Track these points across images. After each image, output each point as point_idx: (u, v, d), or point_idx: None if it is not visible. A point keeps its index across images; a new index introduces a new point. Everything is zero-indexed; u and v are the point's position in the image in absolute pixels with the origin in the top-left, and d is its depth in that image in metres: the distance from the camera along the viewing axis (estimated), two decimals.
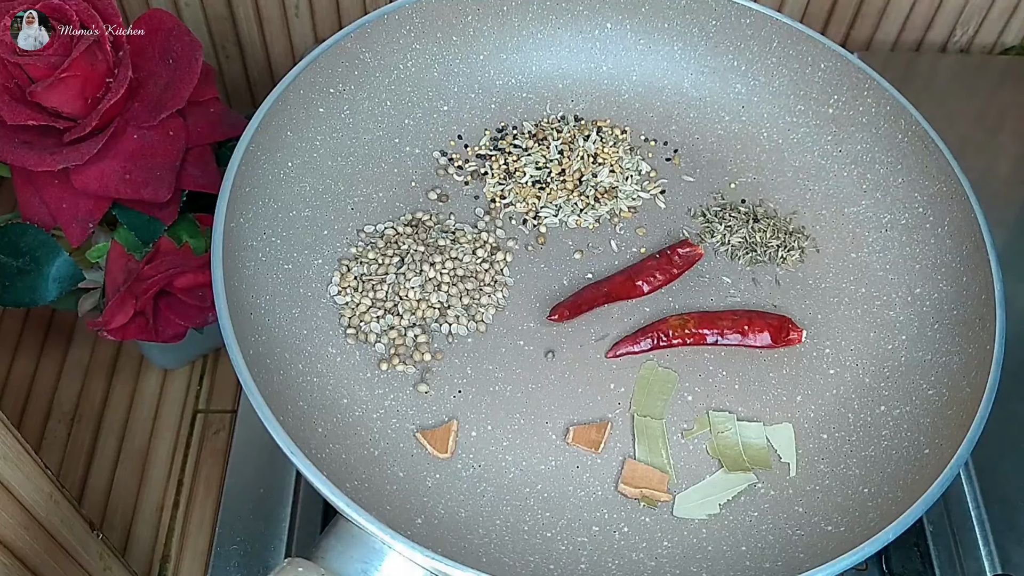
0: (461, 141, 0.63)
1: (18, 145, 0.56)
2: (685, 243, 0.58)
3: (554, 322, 0.55)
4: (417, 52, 0.62)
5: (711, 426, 0.52)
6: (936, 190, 0.57)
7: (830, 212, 0.61)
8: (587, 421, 0.52)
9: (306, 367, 0.51)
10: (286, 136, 0.56)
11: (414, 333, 0.54)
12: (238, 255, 0.51)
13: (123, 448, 0.81)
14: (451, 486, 0.49)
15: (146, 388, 0.84)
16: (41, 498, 0.55)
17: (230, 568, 0.54)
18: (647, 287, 0.56)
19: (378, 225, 0.58)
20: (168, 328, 0.64)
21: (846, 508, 0.48)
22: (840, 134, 0.62)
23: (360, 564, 0.43)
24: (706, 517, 0.49)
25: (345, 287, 0.55)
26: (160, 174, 0.58)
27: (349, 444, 0.49)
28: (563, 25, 0.64)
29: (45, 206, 0.59)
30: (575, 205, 0.60)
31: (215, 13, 0.77)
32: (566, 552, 0.47)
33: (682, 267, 0.57)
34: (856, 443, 0.52)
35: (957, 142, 0.58)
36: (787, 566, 0.46)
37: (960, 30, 0.85)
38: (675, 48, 0.65)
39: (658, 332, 0.54)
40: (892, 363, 0.54)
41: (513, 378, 0.53)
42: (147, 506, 0.78)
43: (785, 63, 0.63)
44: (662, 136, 0.64)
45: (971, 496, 0.56)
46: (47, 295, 0.60)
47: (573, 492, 0.50)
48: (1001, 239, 0.66)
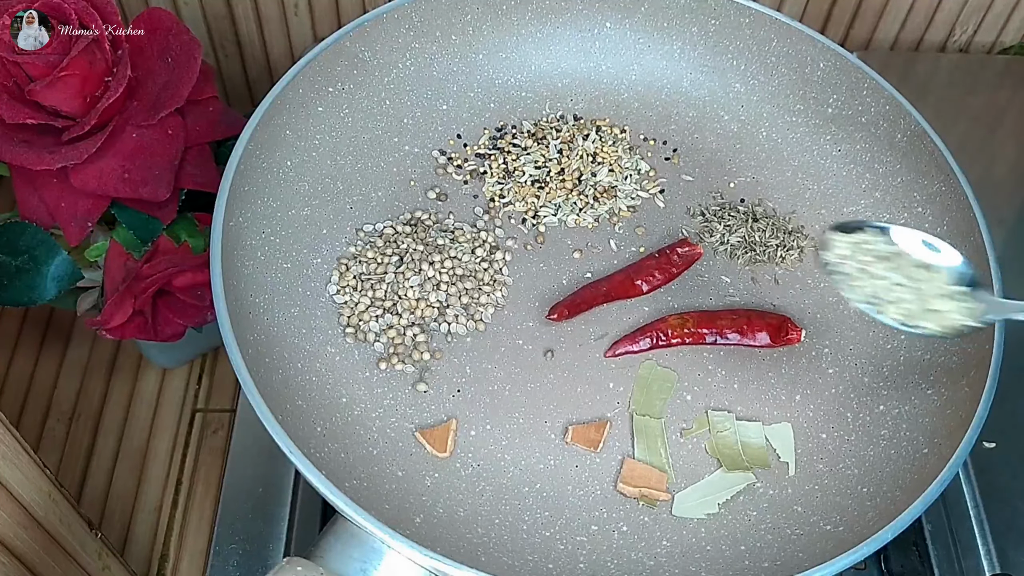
0: (460, 140, 0.63)
1: (17, 144, 0.56)
2: (684, 242, 0.58)
3: (553, 321, 0.55)
4: (416, 51, 0.62)
5: (710, 425, 0.52)
6: (935, 190, 0.57)
7: (829, 212, 0.61)
8: (586, 420, 0.52)
9: (305, 366, 0.51)
10: (285, 135, 0.56)
11: (413, 332, 0.54)
12: (237, 254, 0.51)
13: (122, 447, 0.81)
14: (450, 485, 0.49)
15: (145, 387, 0.84)
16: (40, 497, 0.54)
17: (229, 567, 0.54)
18: (646, 286, 0.56)
19: (377, 224, 0.58)
20: (167, 327, 0.64)
21: (845, 508, 0.48)
22: (839, 134, 0.62)
23: (359, 563, 0.43)
24: (705, 516, 0.49)
25: (344, 286, 0.55)
26: (159, 173, 0.58)
27: (348, 443, 0.49)
28: (562, 24, 0.64)
29: (44, 205, 0.59)
30: (574, 204, 0.60)
31: (214, 12, 0.77)
32: (565, 551, 0.47)
33: (681, 266, 0.57)
34: (855, 443, 0.52)
35: (956, 142, 0.58)
36: (786, 565, 0.46)
37: (959, 30, 0.85)
38: (674, 47, 0.65)
39: (657, 331, 0.54)
40: (891, 363, 0.54)
41: (512, 377, 0.53)
42: (146, 505, 0.78)
43: (784, 62, 0.63)
44: (661, 135, 0.64)
45: (970, 496, 0.56)
46: (46, 294, 0.60)
47: (572, 491, 0.50)
48: (1001, 239, 0.66)
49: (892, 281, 0.45)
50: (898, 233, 0.46)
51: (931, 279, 0.45)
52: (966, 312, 0.45)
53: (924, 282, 0.45)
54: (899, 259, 0.45)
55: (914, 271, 0.45)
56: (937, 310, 0.45)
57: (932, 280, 0.45)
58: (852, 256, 0.46)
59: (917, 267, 0.45)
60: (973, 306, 0.45)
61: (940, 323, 0.45)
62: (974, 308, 0.45)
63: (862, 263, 0.45)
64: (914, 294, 0.45)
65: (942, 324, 0.45)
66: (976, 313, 0.45)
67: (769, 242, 0.59)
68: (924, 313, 0.45)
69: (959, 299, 0.45)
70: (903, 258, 0.45)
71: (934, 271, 0.45)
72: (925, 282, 0.45)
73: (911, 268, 0.45)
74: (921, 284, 0.45)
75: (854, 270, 0.45)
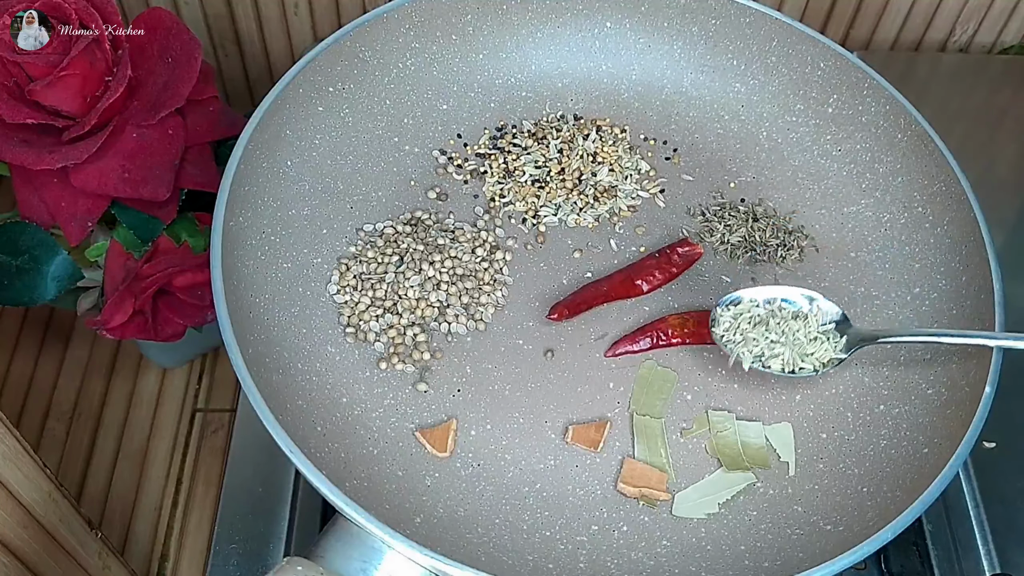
0: (460, 140, 0.63)
1: (17, 144, 0.56)
2: (684, 242, 0.58)
3: (554, 321, 0.55)
4: (416, 51, 0.62)
5: (710, 425, 0.52)
6: (936, 189, 0.57)
7: (829, 211, 0.61)
8: (586, 420, 0.52)
9: (305, 366, 0.51)
10: (285, 135, 0.56)
11: (413, 332, 0.54)
12: (237, 254, 0.51)
13: (122, 447, 0.81)
14: (450, 485, 0.49)
15: (145, 387, 0.84)
16: (40, 497, 0.55)
17: (229, 567, 0.54)
18: (646, 286, 0.56)
19: (377, 224, 0.58)
20: (167, 327, 0.64)
21: (845, 507, 0.48)
22: (839, 133, 0.62)
23: (359, 563, 0.43)
24: (705, 516, 0.49)
25: (344, 286, 0.55)
26: (159, 173, 0.58)
27: (348, 443, 0.49)
28: (562, 24, 0.64)
29: (44, 205, 0.59)
30: (574, 204, 0.60)
31: (214, 12, 0.77)
32: (565, 551, 0.47)
33: (681, 266, 0.57)
34: (855, 442, 0.52)
35: (957, 142, 0.58)
36: (786, 565, 0.46)
37: (959, 29, 0.85)
38: (675, 47, 0.65)
39: (657, 331, 0.54)
40: (891, 363, 0.54)
41: (512, 377, 0.53)
42: (146, 505, 0.78)
43: (785, 62, 0.63)
44: (661, 135, 0.64)
45: (970, 496, 0.56)
46: (46, 294, 0.60)
47: (572, 491, 0.50)
48: (1001, 239, 0.66)
49: (770, 340, 0.52)
50: (767, 292, 0.54)
51: (804, 327, 0.52)
52: (834, 346, 0.52)
53: (800, 331, 0.52)
54: (774, 318, 0.52)
55: (790, 324, 0.52)
56: (811, 353, 0.52)
57: (805, 327, 0.52)
58: (734, 327, 0.52)
59: (793, 319, 0.52)
60: (839, 340, 0.52)
61: (815, 363, 0.52)
62: (840, 341, 0.52)
63: (743, 331, 0.52)
64: (789, 347, 0.52)
65: (817, 363, 0.52)
66: (842, 345, 0.52)
67: (769, 242, 0.59)
68: (802, 359, 0.52)
69: (829, 337, 0.52)
70: (776, 317, 0.52)
71: (806, 319, 0.52)
72: (801, 331, 0.52)
73: (787, 323, 0.52)
74: (797, 334, 0.52)
75: (740, 338, 0.52)
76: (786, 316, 0.52)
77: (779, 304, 0.53)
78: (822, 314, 0.53)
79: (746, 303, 0.53)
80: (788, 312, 0.53)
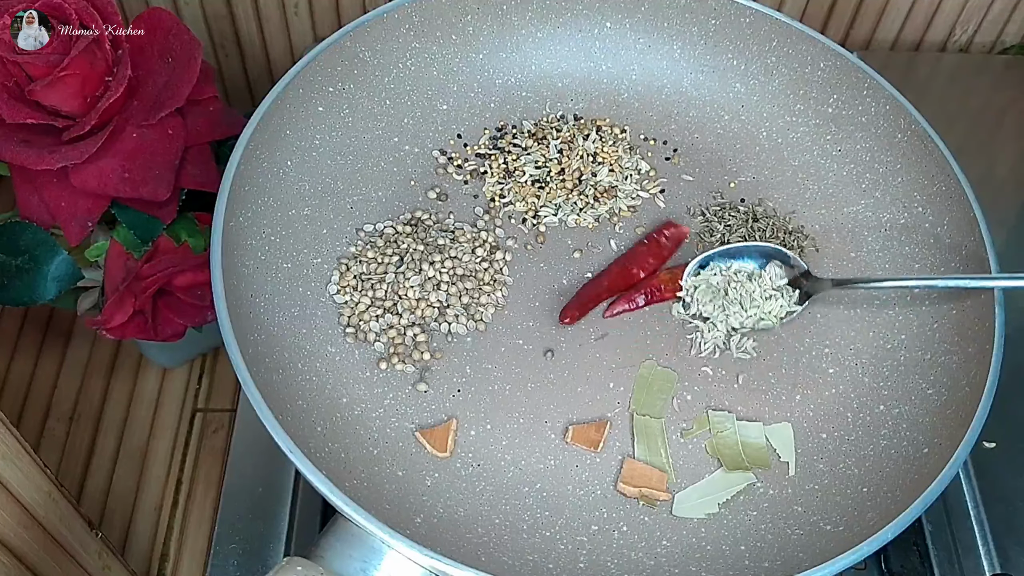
0: (460, 140, 0.63)
1: (17, 143, 0.56)
2: (669, 224, 0.59)
3: (566, 324, 0.55)
4: (416, 51, 0.62)
5: (710, 425, 0.52)
6: (935, 190, 0.57)
7: (829, 212, 0.61)
8: (586, 420, 0.52)
9: (305, 366, 0.51)
10: (285, 135, 0.56)
11: (413, 332, 0.54)
12: (237, 254, 0.51)
13: (122, 447, 0.81)
14: (450, 485, 0.49)
15: (145, 387, 0.84)
16: (40, 497, 0.55)
17: (229, 567, 0.54)
18: (643, 273, 0.57)
19: (377, 224, 0.58)
20: (167, 327, 0.64)
21: (845, 507, 0.48)
22: (839, 133, 0.62)
23: (359, 563, 0.43)
24: (705, 516, 0.49)
25: (344, 286, 0.55)
26: (159, 173, 0.58)
27: (348, 443, 0.49)
28: (562, 24, 0.64)
29: (44, 205, 0.59)
30: (574, 204, 0.60)
31: (214, 12, 0.77)
32: (565, 551, 0.47)
33: (671, 247, 0.58)
34: (855, 442, 0.52)
35: (957, 142, 0.58)
36: (786, 565, 0.46)
37: (960, 29, 0.85)
38: (674, 47, 0.65)
39: (651, 288, 0.56)
40: (891, 362, 0.54)
41: (512, 377, 0.53)
42: (146, 505, 0.78)
43: (784, 62, 0.63)
44: (661, 135, 0.64)
45: (970, 496, 0.56)
46: (46, 294, 0.60)
47: (572, 491, 0.50)
48: (1001, 239, 0.66)
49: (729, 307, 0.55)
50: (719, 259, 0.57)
51: (759, 286, 0.55)
52: (788, 300, 0.55)
53: (756, 291, 0.55)
54: (731, 285, 0.55)
55: (746, 286, 0.55)
56: (769, 311, 0.55)
57: (761, 286, 0.55)
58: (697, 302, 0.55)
59: (748, 281, 0.56)
60: (792, 295, 0.55)
61: (773, 318, 0.55)
62: (793, 295, 0.55)
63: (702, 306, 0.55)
64: (748, 310, 0.55)
65: (774, 319, 0.55)
66: (795, 298, 0.55)
67: (769, 242, 0.59)
68: (761, 318, 0.55)
69: (783, 292, 0.55)
70: (734, 282, 0.56)
71: (759, 279, 0.56)
72: (756, 291, 0.55)
73: (743, 286, 0.55)
74: (753, 294, 0.55)
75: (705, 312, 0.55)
76: (742, 279, 0.56)
77: (734, 269, 0.56)
78: (776, 273, 0.56)
79: (705, 273, 0.56)
80: (743, 274, 0.56)
